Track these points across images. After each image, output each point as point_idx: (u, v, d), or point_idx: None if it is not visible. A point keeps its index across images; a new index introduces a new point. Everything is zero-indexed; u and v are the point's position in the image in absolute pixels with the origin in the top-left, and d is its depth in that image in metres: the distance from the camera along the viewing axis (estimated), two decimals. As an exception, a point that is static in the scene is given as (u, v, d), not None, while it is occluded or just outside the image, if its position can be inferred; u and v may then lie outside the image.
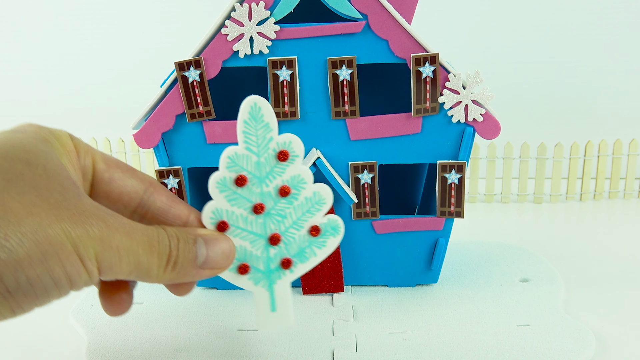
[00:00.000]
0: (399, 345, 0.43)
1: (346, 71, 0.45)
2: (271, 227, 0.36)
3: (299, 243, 0.37)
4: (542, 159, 0.80)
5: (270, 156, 0.35)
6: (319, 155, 0.46)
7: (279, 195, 0.36)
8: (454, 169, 0.48)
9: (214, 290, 0.52)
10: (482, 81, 0.46)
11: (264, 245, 0.36)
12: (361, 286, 0.52)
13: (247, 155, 0.35)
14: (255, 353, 0.42)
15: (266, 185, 0.35)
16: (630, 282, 0.54)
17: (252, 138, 0.35)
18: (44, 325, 0.47)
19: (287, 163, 0.35)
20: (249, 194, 0.35)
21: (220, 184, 0.35)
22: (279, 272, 0.37)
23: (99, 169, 0.32)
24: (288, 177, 0.36)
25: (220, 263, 0.33)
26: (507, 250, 0.60)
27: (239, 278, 0.37)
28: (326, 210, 0.37)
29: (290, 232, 0.36)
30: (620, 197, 0.82)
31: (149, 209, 0.34)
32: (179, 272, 0.31)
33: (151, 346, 0.43)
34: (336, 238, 0.37)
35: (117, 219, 0.28)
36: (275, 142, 0.35)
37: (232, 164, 0.35)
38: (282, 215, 0.36)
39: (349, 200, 0.47)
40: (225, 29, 0.44)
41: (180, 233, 0.31)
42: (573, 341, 0.43)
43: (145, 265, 0.29)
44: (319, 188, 0.36)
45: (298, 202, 0.36)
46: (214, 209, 0.35)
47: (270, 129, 0.35)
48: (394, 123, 0.47)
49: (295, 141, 0.35)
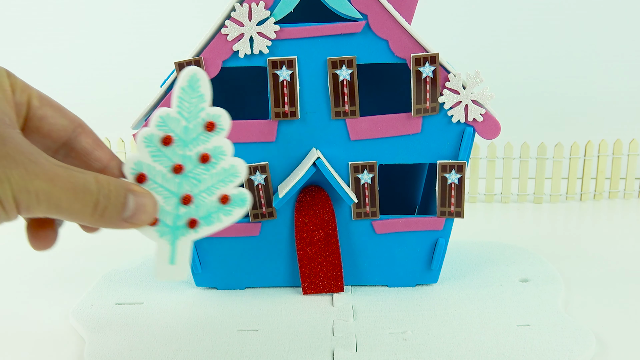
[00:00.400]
0: (399, 345, 0.43)
1: (346, 71, 0.45)
2: (185, 188, 0.38)
3: (208, 207, 0.39)
4: (542, 159, 0.80)
5: (199, 124, 0.38)
6: (319, 155, 0.46)
7: (199, 161, 0.38)
8: (454, 169, 0.48)
9: (214, 290, 0.52)
10: (482, 81, 0.46)
11: (175, 203, 0.38)
12: (361, 286, 0.52)
13: (178, 119, 0.37)
14: (255, 353, 0.42)
15: (189, 150, 0.38)
16: (631, 282, 0.54)
17: (185, 104, 0.37)
18: (44, 325, 0.47)
19: (212, 133, 0.38)
20: (171, 153, 0.38)
21: (147, 140, 0.37)
22: (184, 229, 0.39)
23: (33, 105, 0.34)
24: (211, 147, 0.38)
25: (142, 220, 0.35)
26: (507, 250, 0.60)
27: (146, 228, 0.38)
28: (238, 182, 0.39)
29: (202, 196, 0.39)
30: (620, 197, 0.83)
31: (74, 147, 0.36)
32: (105, 220, 0.33)
33: (151, 346, 0.43)
34: (242, 209, 0.39)
35: (40, 165, 0.30)
36: (206, 112, 0.38)
37: (162, 123, 0.37)
38: (198, 179, 0.38)
39: (349, 200, 0.48)
40: (225, 29, 0.44)
41: (114, 185, 0.33)
42: (573, 341, 0.43)
43: (67, 209, 0.31)
44: (236, 162, 0.39)
45: (215, 170, 0.39)
46: (136, 160, 0.37)
47: (204, 100, 0.37)
48: (394, 123, 0.47)
49: (224, 116, 0.38)
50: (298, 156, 0.48)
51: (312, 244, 0.49)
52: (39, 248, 0.36)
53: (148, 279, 0.54)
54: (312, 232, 0.49)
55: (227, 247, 0.50)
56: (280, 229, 0.50)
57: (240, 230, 0.50)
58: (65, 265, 0.60)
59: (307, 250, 0.49)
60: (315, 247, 0.49)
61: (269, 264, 0.51)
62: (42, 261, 0.61)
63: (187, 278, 0.40)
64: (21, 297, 0.53)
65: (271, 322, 0.46)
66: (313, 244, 0.49)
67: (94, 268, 0.57)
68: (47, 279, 0.57)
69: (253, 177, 0.48)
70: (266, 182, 0.48)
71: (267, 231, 0.50)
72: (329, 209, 0.49)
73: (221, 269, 0.51)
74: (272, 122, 0.47)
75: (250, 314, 0.48)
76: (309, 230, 0.49)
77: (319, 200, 0.49)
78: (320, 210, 0.49)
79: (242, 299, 0.50)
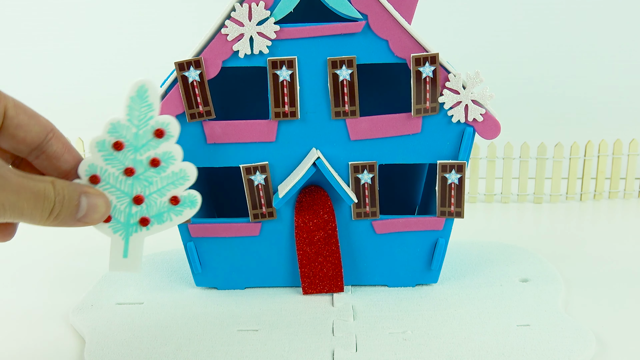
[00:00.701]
0: (399, 345, 0.43)
1: (346, 71, 0.45)
2: (137, 189, 0.42)
3: (159, 207, 0.42)
4: (542, 159, 0.80)
5: (148, 131, 0.41)
6: (319, 155, 0.46)
7: (149, 165, 0.41)
8: (454, 169, 0.48)
9: (214, 290, 0.52)
10: (482, 81, 0.46)
11: (128, 202, 0.42)
12: (361, 286, 0.52)
13: (128, 126, 0.41)
14: (255, 353, 0.42)
15: (140, 154, 0.41)
16: (631, 282, 0.54)
17: (135, 113, 0.41)
18: (44, 325, 0.47)
19: (162, 140, 0.41)
20: (123, 157, 0.41)
21: (99, 144, 0.41)
22: (136, 226, 0.43)
23: (9, 115, 0.36)
24: (161, 152, 0.41)
25: (95, 218, 0.38)
26: (507, 250, 0.60)
27: (101, 225, 0.42)
28: (188, 185, 0.42)
29: (153, 197, 0.42)
30: (620, 197, 0.83)
31: (45, 150, 0.38)
32: (60, 223, 0.36)
33: (151, 346, 0.43)
34: (192, 210, 0.43)
35: (8, 179, 0.33)
36: (155, 120, 0.41)
37: (113, 130, 0.41)
38: (149, 181, 0.42)
39: (349, 200, 0.48)
40: (225, 29, 0.44)
41: (68, 190, 0.36)
42: (573, 341, 0.43)
43: (29, 215, 0.34)
44: (186, 166, 0.42)
45: (165, 173, 0.42)
46: (90, 163, 0.41)
47: (153, 109, 0.41)
48: (394, 123, 0.47)
49: (173, 123, 0.41)
50: (298, 156, 0.48)
51: (312, 244, 0.49)
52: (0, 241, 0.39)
53: (148, 279, 0.54)
54: (312, 232, 0.49)
55: (227, 247, 0.50)
56: (280, 229, 0.50)
57: (240, 230, 0.50)
58: (65, 265, 0.60)
59: (307, 250, 0.49)
60: (315, 247, 0.49)
61: (269, 264, 0.51)
62: (42, 261, 0.61)
63: (139, 272, 0.44)
64: (21, 297, 0.53)
65: (271, 322, 0.46)
66: (313, 244, 0.49)
67: (94, 268, 0.57)
68: (47, 279, 0.57)
69: (253, 177, 0.48)
70: (266, 182, 0.48)
71: (267, 231, 0.50)
72: (329, 209, 0.49)
73: (221, 269, 0.51)
74: (272, 122, 0.47)
75: (250, 314, 0.48)
76: (309, 230, 0.49)
77: (319, 200, 0.49)
78: (320, 210, 0.49)
79: (242, 299, 0.50)
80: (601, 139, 0.81)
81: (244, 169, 0.48)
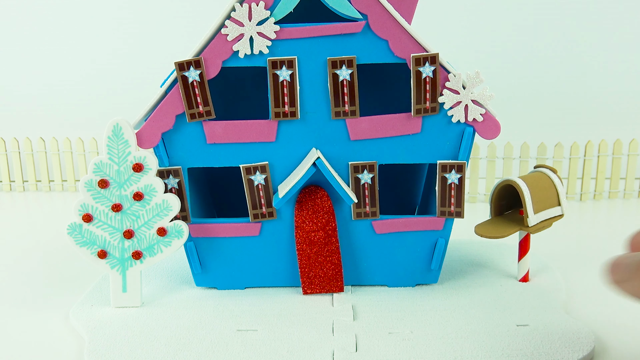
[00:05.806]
0: (399, 345, 0.43)
1: (346, 71, 0.45)
2: (126, 224, 0.45)
3: (149, 240, 0.45)
4: (542, 159, 0.80)
5: (128, 167, 0.44)
6: (319, 155, 0.46)
7: (134, 199, 0.44)
8: (454, 169, 0.48)
9: (214, 290, 0.52)
10: (482, 81, 0.46)
11: (120, 237, 0.45)
12: (361, 286, 0.52)
13: (110, 164, 0.44)
14: (255, 353, 0.42)
15: (124, 190, 0.44)
16: (630, 282, 0.54)
17: (114, 151, 0.44)
18: (44, 325, 0.47)
19: (141, 174, 0.44)
20: (110, 194, 0.44)
21: (87, 184, 0.44)
22: (130, 260, 0.46)
23: None
24: (142, 185, 0.44)
25: None
26: (507, 250, 0.60)
27: (99, 261, 0.45)
28: (172, 216, 0.45)
29: (142, 230, 0.45)
30: (620, 197, 0.83)
31: None
32: None
33: (151, 346, 0.43)
34: (180, 240, 0.46)
35: None
36: (132, 155, 0.44)
37: (97, 169, 0.44)
38: (136, 215, 0.45)
39: (349, 200, 0.48)
40: (225, 29, 0.44)
41: None
42: (573, 341, 0.43)
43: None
44: (167, 197, 0.45)
45: (149, 206, 0.45)
46: (82, 202, 0.44)
47: (129, 145, 0.44)
48: (394, 123, 0.47)
49: (150, 157, 0.44)
50: (298, 156, 0.48)
51: (312, 244, 0.49)
52: None
53: (148, 279, 0.54)
54: (312, 232, 0.49)
55: (227, 247, 0.50)
56: (280, 229, 0.50)
57: (240, 230, 0.50)
58: (65, 265, 0.60)
59: (307, 250, 0.49)
60: (315, 247, 0.49)
61: (269, 264, 0.51)
62: (42, 261, 0.61)
63: (140, 305, 0.47)
64: (21, 297, 0.53)
65: (271, 322, 0.46)
66: (313, 244, 0.49)
67: (94, 268, 0.57)
68: (47, 279, 0.57)
69: (253, 177, 0.48)
70: (266, 182, 0.48)
71: (267, 231, 0.50)
72: (329, 209, 0.49)
73: (221, 269, 0.51)
74: (272, 122, 0.47)
75: (250, 314, 0.48)
76: (309, 230, 0.49)
77: (319, 200, 0.49)
78: (320, 210, 0.49)
79: (242, 299, 0.50)
80: (601, 139, 0.81)
81: (244, 169, 0.48)
